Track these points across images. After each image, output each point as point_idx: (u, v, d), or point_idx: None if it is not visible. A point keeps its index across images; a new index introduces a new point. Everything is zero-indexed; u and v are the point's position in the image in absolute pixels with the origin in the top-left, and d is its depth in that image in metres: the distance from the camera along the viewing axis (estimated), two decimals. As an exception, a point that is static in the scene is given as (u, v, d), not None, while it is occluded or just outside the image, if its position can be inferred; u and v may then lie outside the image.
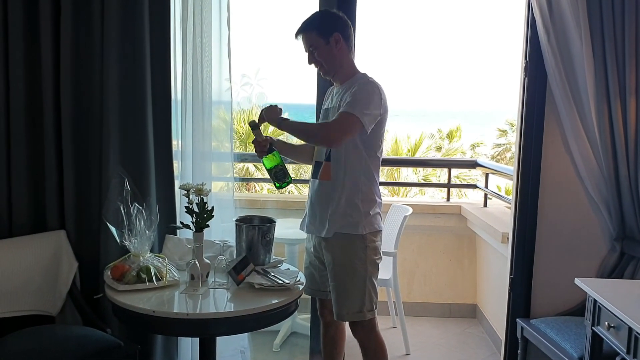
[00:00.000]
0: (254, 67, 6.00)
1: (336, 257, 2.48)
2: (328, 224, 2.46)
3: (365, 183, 2.46)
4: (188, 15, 2.78)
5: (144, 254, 2.38)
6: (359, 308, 2.46)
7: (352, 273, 2.46)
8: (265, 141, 2.53)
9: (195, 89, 2.83)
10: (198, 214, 2.38)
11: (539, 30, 2.78)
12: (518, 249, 3.01)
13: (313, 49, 2.46)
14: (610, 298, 2.11)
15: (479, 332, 4.07)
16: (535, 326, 2.83)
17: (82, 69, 2.70)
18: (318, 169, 2.53)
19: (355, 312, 2.47)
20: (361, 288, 2.45)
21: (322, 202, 2.50)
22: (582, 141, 2.81)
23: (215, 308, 2.27)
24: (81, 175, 2.75)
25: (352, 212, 2.44)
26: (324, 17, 2.55)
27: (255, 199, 4.57)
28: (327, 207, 2.48)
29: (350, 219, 2.44)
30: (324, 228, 2.48)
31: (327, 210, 2.48)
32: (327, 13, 2.56)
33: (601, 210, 2.89)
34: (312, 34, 2.45)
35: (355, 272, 2.45)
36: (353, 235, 2.44)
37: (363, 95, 2.37)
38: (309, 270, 2.65)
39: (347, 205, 2.44)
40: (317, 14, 2.60)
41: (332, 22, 2.47)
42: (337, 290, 2.48)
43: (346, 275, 2.47)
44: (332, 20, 2.48)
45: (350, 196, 2.44)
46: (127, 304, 2.17)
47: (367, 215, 2.45)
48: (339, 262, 2.47)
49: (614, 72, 2.70)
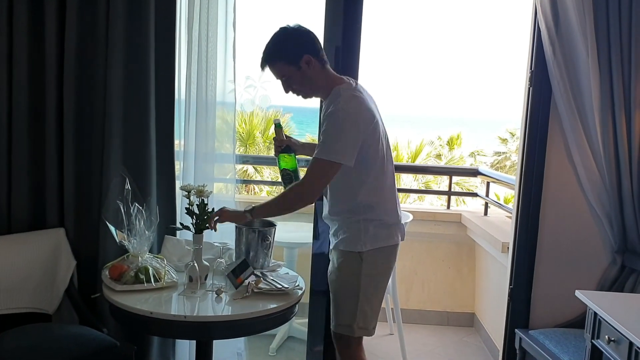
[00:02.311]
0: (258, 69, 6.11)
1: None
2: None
3: (363, 202, 2.29)
4: (194, 16, 2.78)
5: (142, 254, 2.37)
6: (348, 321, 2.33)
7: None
8: (283, 141, 2.49)
9: (199, 90, 2.82)
10: (198, 215, 2.37)
11: (544, 41, 2.77)
12: (518, 259, 3.00)
13: (286, 78, 2.26)
14: (611, 311, 2.09)
15: (476, 341, 4.06)
16: (534, 337, 2.81)
17: (86, 68, 2.69)
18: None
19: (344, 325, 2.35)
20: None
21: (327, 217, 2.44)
22: (586, 153, 2.80)
23: (213, 311, 2.25)
24: (82, 173, 2.74)
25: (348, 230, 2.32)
26: (288, 41, 2.25)
27: (256, 201, 4.54)
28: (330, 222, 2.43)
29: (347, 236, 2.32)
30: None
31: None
32: (290, 35, 2.26)
33: (603, 223, 2.88)
34: (279, 64, 2.24)
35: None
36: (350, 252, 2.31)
37: (332, 132, 2.17)
38: None
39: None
40: (279, 38, 2.26)
41: (298, 45, 2.22)
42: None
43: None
44: (298, 43, 2.23)
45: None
46: (124, 304, 2.16)
47: (366, 232, 2.30)
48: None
49: (619, 84, 2.69)
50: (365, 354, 2.45)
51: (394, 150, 14.18)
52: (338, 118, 2.16)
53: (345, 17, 2.76)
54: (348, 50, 2.78)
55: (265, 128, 14.38)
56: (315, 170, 2.20)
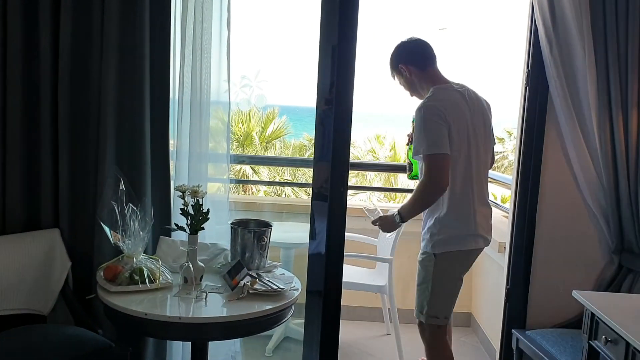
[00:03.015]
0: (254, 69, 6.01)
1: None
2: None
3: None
4: (188, 15, 2.76)
5: (137, 255, 2.36)
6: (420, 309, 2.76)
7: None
8: (410, 135, 2.81)
9: (193, 89, 2.81)
10: (193, 216, 2.36)
11: (541, 40, 2.76)
12: (515, 259, 2.99)
13: (400, 83, 2.81)
14: (609, 312, 2.08)
15: (473, 341, 4.05)
16: (531, 338, 2.80)
17: (80, 68, 2.67)
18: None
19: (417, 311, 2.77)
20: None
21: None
22: (583, 152, 2.79)
23: (208, 312, 2.23)
24: (77, 173, 2.71)
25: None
26: (392, 53, 2.80)
27: (252, 202, 4.54)
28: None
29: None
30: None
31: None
32: (395, 49, 2.79)
33: (600, 223, 2.87)
34: (392, 73, 2.82)
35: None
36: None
37: (418, 134, 2.54)
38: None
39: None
40: (391, 55, 2.81)
41: (395, 56, 2.77)
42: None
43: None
44: (395, 55, 2.77)
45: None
46: (119, 305, 2.15)
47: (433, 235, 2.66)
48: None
49: (616, 83, 2.69)
50: (363, 354, 2.51)
51: (391, 150, 14.19)
52: (419, 119, 2.56)
53: (341, 15, 2.74)
54: (344, 50, 2.77)
55: (262, 129, 14.38)
56: (427, 167, 2.54)
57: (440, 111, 2.51)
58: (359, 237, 3.98)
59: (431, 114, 2.52)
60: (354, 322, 4.18)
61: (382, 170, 12.42)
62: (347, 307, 4.16)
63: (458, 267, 2.70)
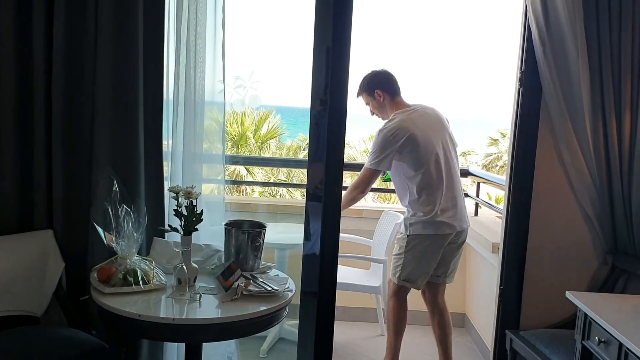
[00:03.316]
0: (248, 70, 6.04)
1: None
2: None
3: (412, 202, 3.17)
4: (182, 15, 2.75)
5: (131, 256, 2.35)
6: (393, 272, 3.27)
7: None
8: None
9: (187, 90, 2.80)
10: (187, 217, 2.35)
11: (535, 42, 2.77)
12: (509, 259, 3.00)
13: (369, 106, 3.32)
14: (602, 313, 2.09)
15: (467, 341, 4.06)
16: (525, 338, 2.81)
17: (74, 67, 2.66)
18: None
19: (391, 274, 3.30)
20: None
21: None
22: (576, 154, 2.80)
23: (202, 314, 2.23)
24: (70, 174, 2.70)
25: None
26: (369, 79, 3.28)
27: (246, 202, 4.54)
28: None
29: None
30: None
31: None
32: (372, 76, 3.28)
33: (593, 224, 2.88)
34: (363, 94, 3.29)
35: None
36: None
37: (372, 149, 3.22)
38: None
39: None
40: (365, 77, 3.30)
41: (373, 82, 3.25)
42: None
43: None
44: (373, 81, 3.26)
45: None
46: (112, 306, 2.14)
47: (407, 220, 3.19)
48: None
49: (609, 86, 2.69)
50: (356, 354, 2.60)
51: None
52: (377, 138, 3.20)
53: (335, 17, 2.74)
54: (339, 51, 2.77)
55: (256, 129, 14.37)
56: (361, 174, 3.29)
57: (393, 135, 3.10)
58: (353, 237, 3.99)
59: (384, 138, 3.13)
60: (348, 323, 4.18)
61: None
62: (341, 308, 4.16)
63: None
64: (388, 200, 11.35)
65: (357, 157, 15.33)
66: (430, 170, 3.10)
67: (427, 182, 3.11)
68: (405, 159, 3.11)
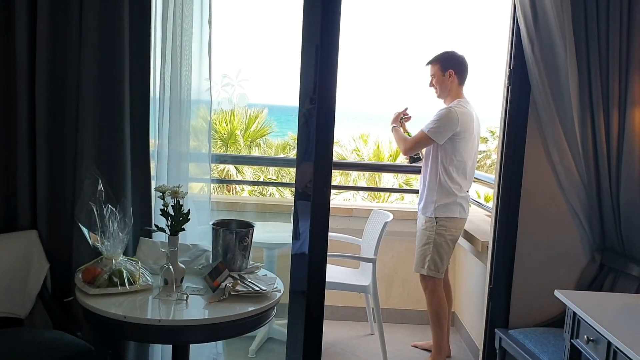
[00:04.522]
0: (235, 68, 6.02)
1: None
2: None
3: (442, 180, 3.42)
4: (169, 13, 2.72)
5: (116, 257, 2.32)
6: (421, 265, 3.50)
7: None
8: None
9: (173, 88, 2.77)
10: (173, 217, 2.32)
11: (523, 40, 2.76)
12: (498, 258, 2.99)
13: (432, 77, 3.48)
14: (590, 311, 2.09)
15: (457, 340, 4.05)
16: (514, 337, 2.81)
17: (58, 65, 2.62)
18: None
19: (419, 266, 3.52)
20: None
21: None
22: (564, 152, 2.80)
23: (189, 315, 2.21)
24: (55, 174, 2.67)
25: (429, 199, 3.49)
26: (449, 55, 3.48)
27: (235, 202, 4.50)
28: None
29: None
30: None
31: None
32: (454, 55, 3.48)
33: (582, 221, 2.88)
34: (436, 66, 3.45)
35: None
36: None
37: (434, 118, 3.37)
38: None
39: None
40: (446, 52, 3.51)
41: (451, 60, 3.44)
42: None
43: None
44: (453, 60, 3.45)
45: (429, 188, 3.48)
46: (98, 308, 2.11)
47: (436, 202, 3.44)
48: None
49: (597, 83, 2.69)
50: (346, 354, 2.60)
51: (376, 150, 14.20)
52: (443, 112, 3.38)
53: (324, 15, 2.72)
54: (327, 49, 2.75)
55: (246, 127, 14.32)
56: (416, 136, 3.50)
57: (456, 119, 3.32)
58: (342, 237, 3.97)
59: (450, 116, 3.34)
60: (338, 322, 4.17)
61: (366, 169, 12.42)
62: (330, 307, 4.15)
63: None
64: (377, 199, 11.35)
65: (347, 156, 15.31)
66: (469, 162, 3.45)
67: (469, 172, 3.48)
68: (452, 142, 3.36)
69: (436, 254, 3.45)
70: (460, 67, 3.45)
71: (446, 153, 3.39)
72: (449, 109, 3.37)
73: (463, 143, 3.38)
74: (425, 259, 3.48)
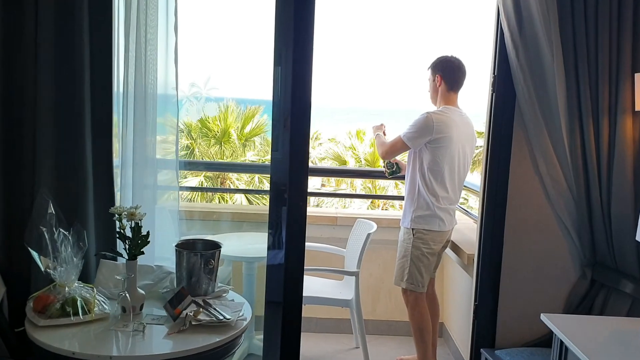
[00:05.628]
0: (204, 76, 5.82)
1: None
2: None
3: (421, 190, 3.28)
4: (131, 19, 2.58)
5: (70, 283, 2.16)
6: (400, 278, 3.36)
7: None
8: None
9: (138, 97, 2.64)
10: (131, 239, 2.16)
11: (508, 45, 2.63)
12: (483, 274, 2.85)
13: (428, 81, 3.42)
14: (578, 338, 1.97)
15: (444, 352, 3.91)
16: (500, 358, 2.67)
17: (13, 73, 2.45)
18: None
19: (398, 280, 3.37)
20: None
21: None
22: (552, 162, 2.66)
23: (144, 349, 2.04)
24: (11, 192, 2.50)
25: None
26: (439, 61, 3.36)
27: (210, 211, 4.30)
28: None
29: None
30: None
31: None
32: (445, 59, 3.34)
33: (571, 235, 2.74)
34: (429, 71, 3.39)
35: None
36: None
37: (411, 124, 3.29)
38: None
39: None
40: (439, 57, 3.38)
41: (441, 65, 3.33)
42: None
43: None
44: (442, 64, 3.33)
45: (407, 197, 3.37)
46: (44, 342, 1.95)
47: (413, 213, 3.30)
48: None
49: (586, 89, 2.56)
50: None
51: (371, 147, 14.04)
52: (420, 118, 3.26)
53: (297, 17, 2.56)
54: (301, 54, 2.59)
55: (241, 126, 14.14)
56: (392, 141, 3.43)
57: (432, 125, 3.20)
58: (326, 247, 3.83)
59: (427, 122, 3.21)
60: (322, 335, 4.03)
61: (343, 175, 11.89)
62: (314, 319, 4.01)
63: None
64: (374, 204, 11.18)
65: (343, 154, 15.15)
66: (454, 171, 3.29)
67: (450, 180, 3.29)
68: (430, 150, 3.23)
69: (414, 268, 3.29)
70: (449, 73, 3.31)
71: (424, 160, 3.26)
72: (426, 115, 3.25)
73: (442, 150, 3.22)
74: (404, 272, 3.33)
